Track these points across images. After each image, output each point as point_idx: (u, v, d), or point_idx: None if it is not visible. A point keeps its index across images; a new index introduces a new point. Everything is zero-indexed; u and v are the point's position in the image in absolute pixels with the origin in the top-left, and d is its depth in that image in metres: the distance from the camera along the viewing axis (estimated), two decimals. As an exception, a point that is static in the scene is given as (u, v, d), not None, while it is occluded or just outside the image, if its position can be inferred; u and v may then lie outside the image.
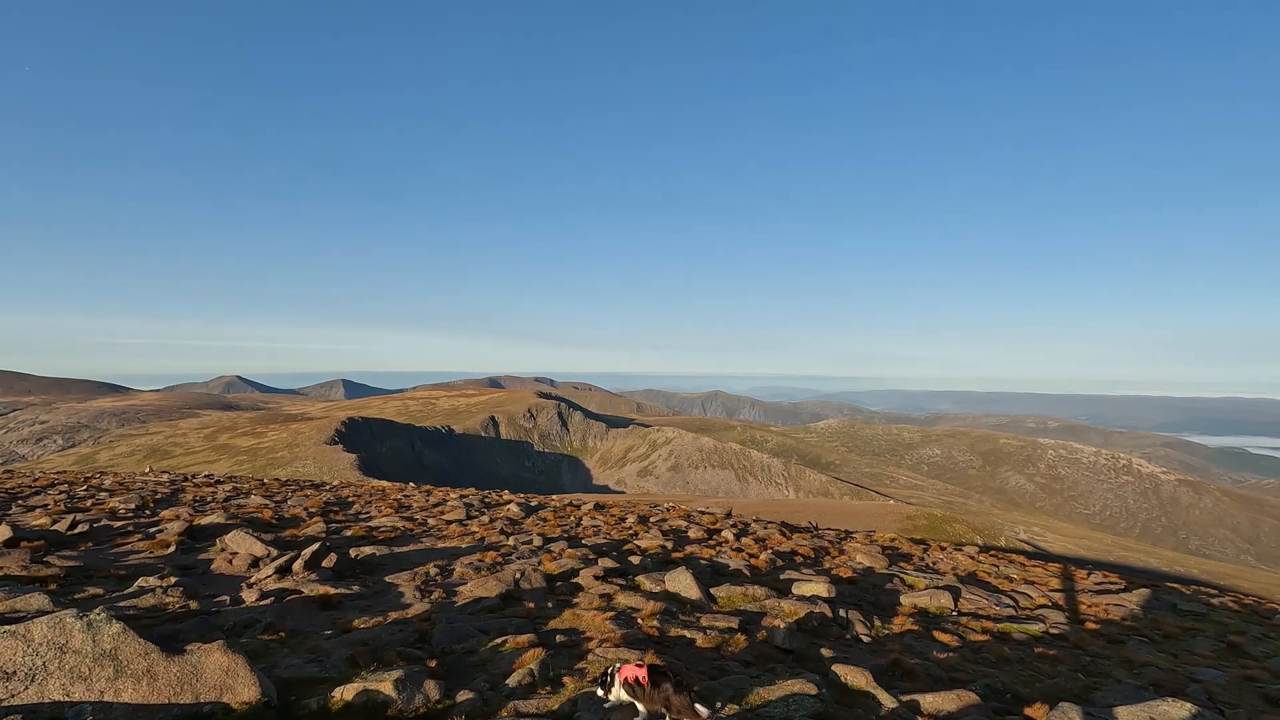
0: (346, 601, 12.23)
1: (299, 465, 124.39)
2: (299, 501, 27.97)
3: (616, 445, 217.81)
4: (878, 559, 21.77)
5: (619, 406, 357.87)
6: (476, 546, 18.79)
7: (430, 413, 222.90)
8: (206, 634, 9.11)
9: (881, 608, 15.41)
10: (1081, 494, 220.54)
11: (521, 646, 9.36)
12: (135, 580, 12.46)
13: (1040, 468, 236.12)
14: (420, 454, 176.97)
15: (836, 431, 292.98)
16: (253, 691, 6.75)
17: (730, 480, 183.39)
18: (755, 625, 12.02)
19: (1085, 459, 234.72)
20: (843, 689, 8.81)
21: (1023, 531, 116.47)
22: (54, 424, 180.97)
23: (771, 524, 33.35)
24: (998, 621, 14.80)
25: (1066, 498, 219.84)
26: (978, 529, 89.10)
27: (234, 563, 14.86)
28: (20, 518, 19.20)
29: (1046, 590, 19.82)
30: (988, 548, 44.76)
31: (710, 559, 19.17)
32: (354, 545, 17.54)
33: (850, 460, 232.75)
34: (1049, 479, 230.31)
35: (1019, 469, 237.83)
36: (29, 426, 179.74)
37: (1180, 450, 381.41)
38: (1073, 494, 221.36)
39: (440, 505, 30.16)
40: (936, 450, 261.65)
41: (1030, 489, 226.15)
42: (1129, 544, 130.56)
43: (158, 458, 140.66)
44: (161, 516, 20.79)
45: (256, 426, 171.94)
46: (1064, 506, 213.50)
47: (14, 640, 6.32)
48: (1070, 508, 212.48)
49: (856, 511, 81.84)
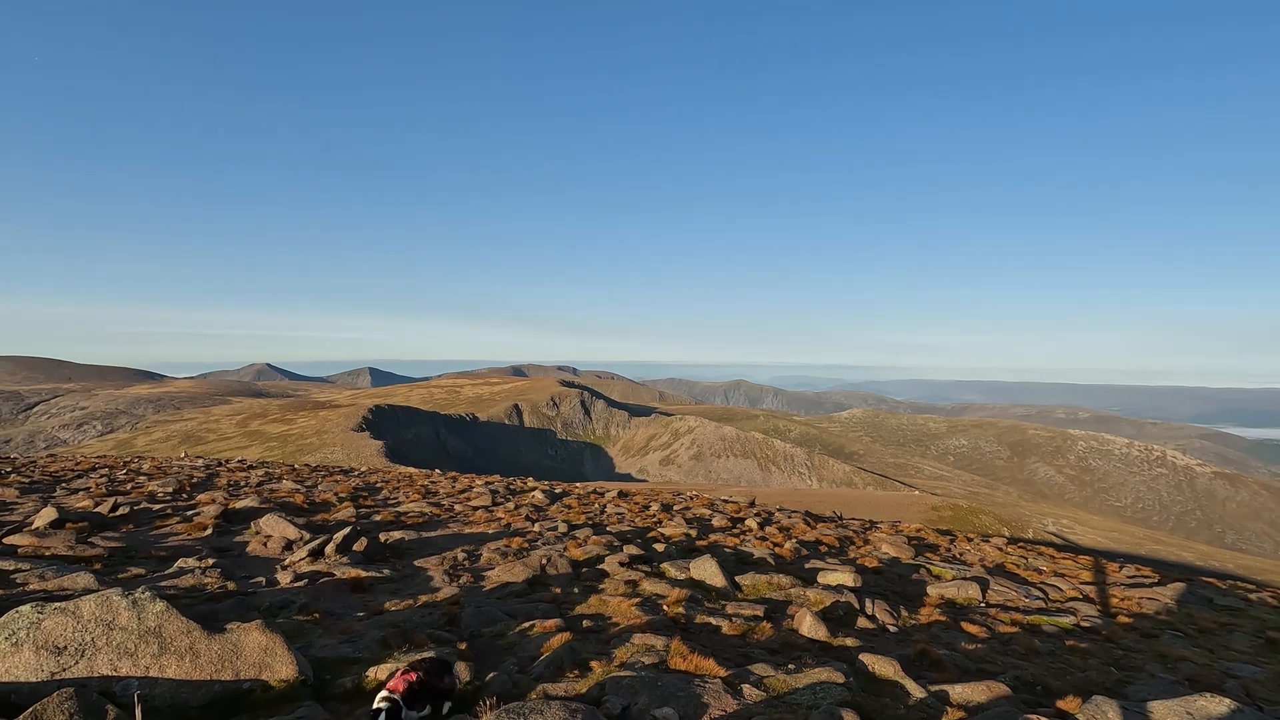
0: (377, 584, 12.47)
1: (327, 452, 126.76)
2: (329, 487, 28.54)
3: (639, 434, 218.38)
4: (903, 549, 21.60)
5: (641, 395, 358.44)
6: (502, 532, 19.02)
7: (455, 400, 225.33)
8: (244, 614, 9.36)
9: (908, 598, 15.31)
10: (1113, 486, 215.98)
11: (549, 631, 9.47)
12: (175, 561, 12.85)
13: (1070, 459, 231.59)
14: (445, 441, 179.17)
15: (860, 421, 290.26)
16: (290, 670, 6.93)
17: (753, 469, 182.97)
18: (781, 614, 12.02)
19: (1117, 450, 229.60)
20: (870, 678, 8.78)
21: (1051, 523, 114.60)
22: (93, 410, 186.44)
23: (795, 513, 33.25)
24: (1027, 614, 14.61)
25: (1097, 490, 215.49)
26: (1005, 520, 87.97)
27: (268, 545, 15.23)
28: (65, 500, 19.89)
29: (1077, 583, 19.52)
30: (1016, 539, 44.14)
31: (734, 547, 19.19)
32: (383, 530, 17.87)
33: (874, 450, 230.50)
34: (1079, 470, 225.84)
35: (1048, 460, 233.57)
36: (70, 412, 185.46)
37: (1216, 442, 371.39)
38: (1103, 486, 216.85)
39: (466, 492, 30.56)
40: (963, 441, 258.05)
41: (1059, 480, 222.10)
42: (1162, 537, 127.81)
43: (192, 443, 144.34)
44: (198, 500, 21.38)
45: (286, 413, 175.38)
46: (1094, 499, 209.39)
47: (65, 617, 6.55)
48: (1101, 500, 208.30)
49: (881, 502, 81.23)
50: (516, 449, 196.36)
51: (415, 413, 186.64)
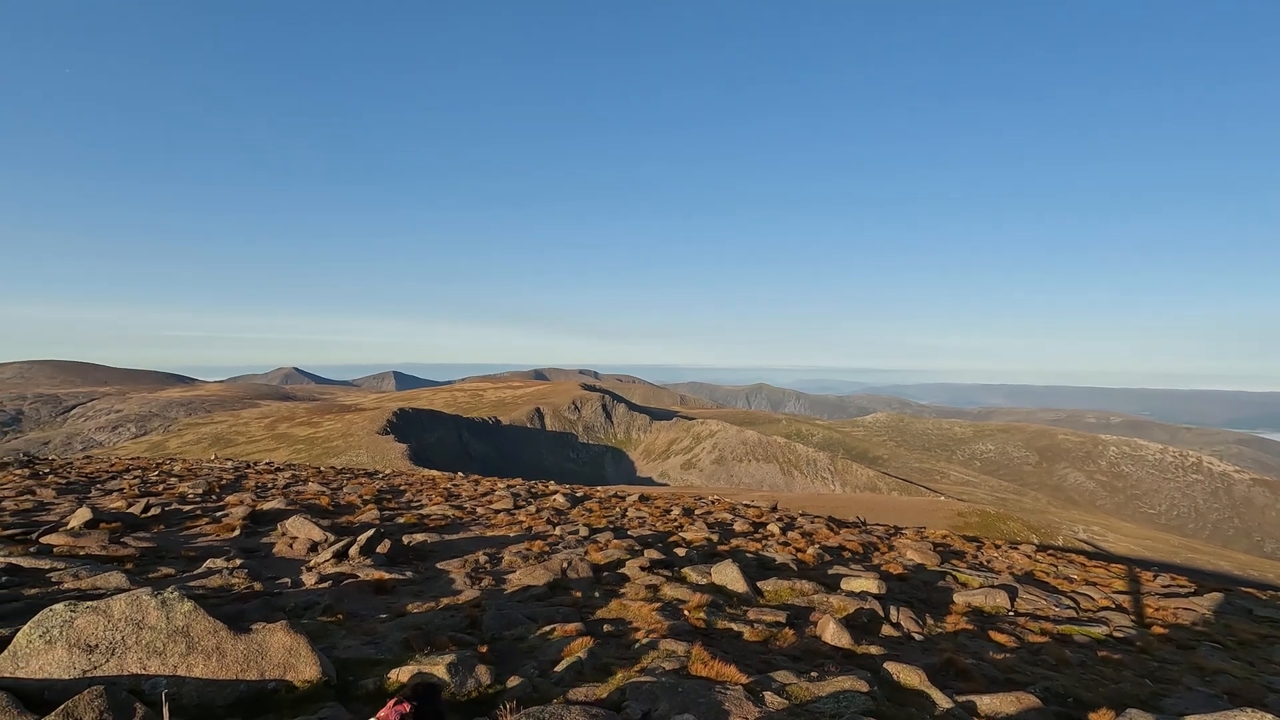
0: (400, 586, 12.57)
1: (352, 454, 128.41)
2: (353, 489, 28.90)
3: (660, 438, 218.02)
4: (929, 556, 21.27)
5: (662, 399, 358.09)
6: (524, 536, 19.08)
7: (477, 404, 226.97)
8: (270, 614, 9.48)
9: (934, 606, 15.05)
10: (1146, 493, 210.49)
11: (570, 635, 9.45)
12: (203, 561, 13.08)
13: (1101, 465, 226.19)
14: (468, 444, 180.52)
15: (884, 425, 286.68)
16: (314, 670, 6.99)
17: (775, 474, 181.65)
18: (803, 620, 11.88)
19: (1150, 456, 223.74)
20: (895, 687, 8.63)
21: (1082, 530, 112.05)
22: (127, 413, 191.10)
23: (818, 518, 32.91)
24: (1057, 623, 14.28)
25: (1129, 496, 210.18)
26: (1033, 527, 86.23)
27: (294, 547, 15.44)
28: (99, 501, 20.38)
29: (1109, 592, 19.03)
30: (1045, 547, 43.21)
31: (756, 552, 19.04)
32: (406, 532, 18.04)
33: (899, 455, 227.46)
34: (1111, 477, 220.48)
35: (1078, 466, 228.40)
36: (105, 415, 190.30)
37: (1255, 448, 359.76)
38: (1136, 493, 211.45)
39: (488, 495, 30.74)
40: (989, 445, 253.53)
41: (1090, 487, 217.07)
42: (1198, 546, 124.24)
43: (221, 446, 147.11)
44: (226, 501, 21.77)
45: (313, 416, 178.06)
46: (1126, 505, 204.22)
47: (97, 615, 6.68)
48: (1133, 507, 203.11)
49: (905, 507, 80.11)
50: (538, 452, 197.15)
51: (438, 416, 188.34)
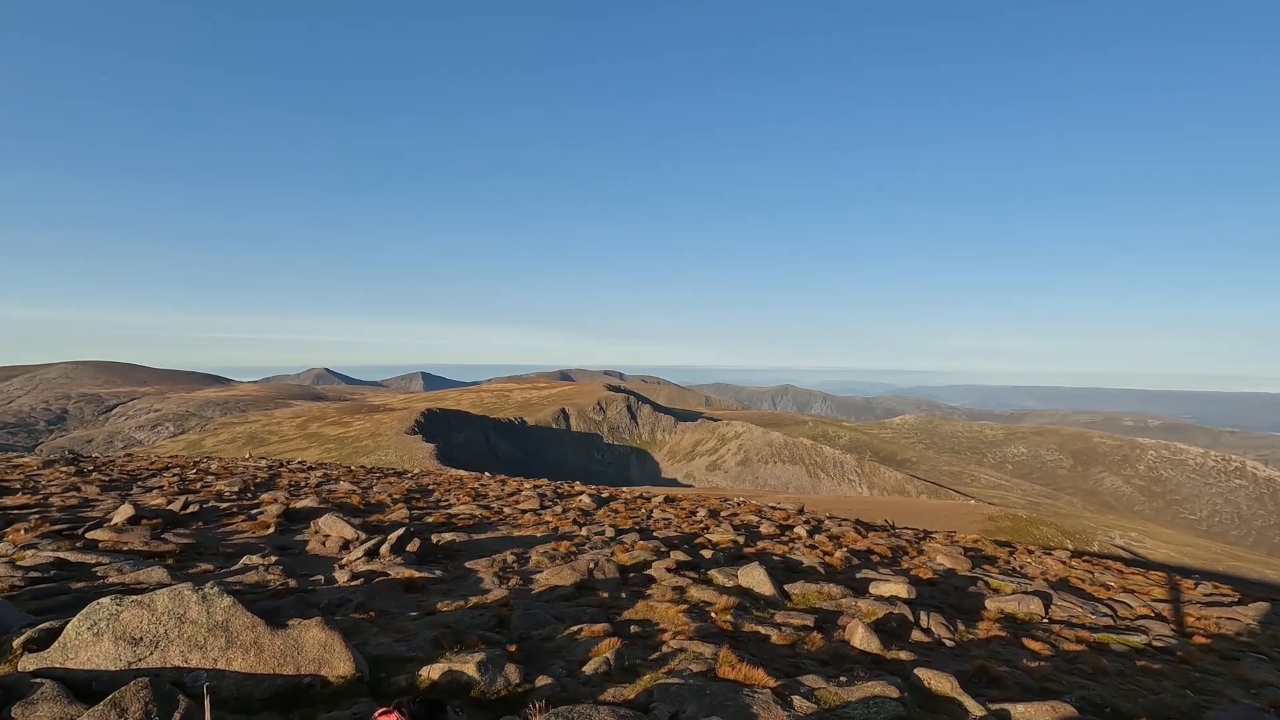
0: (429, 585, 12.74)
1: (381, 454, 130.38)
2: (383, 488, 29.36)
3: (685, 439, 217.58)
4: (959, 561, 20.92)
5: (687, 400, 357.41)
6: (550, 536, 19.20)
7: (503, 404, 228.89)
8: (304, 611, 9.68)
9: (965, 611, 14.80)
10: (1186, 498, 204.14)
11: (597, 635, 9.49)
12: (240, 558, 13.41)
13: (1139, 469, 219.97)
14: (494, 445, 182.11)
15: (913, 427, 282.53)
16: (347, 666, 7.13)
17: (801, 476, 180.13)
18: (831, 624, 11.78)
19: (1191, 460, 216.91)
20: (926, 694, 8.51)
21: (1119, 536, 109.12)
22: (166, 412, 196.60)
23: (846, 521, 32.57)
24: (1094, 631, 13.93)
25: (1169, 502, 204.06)
26: (1067, 532, 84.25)
27: (326, 545, 15.75)
28: (140, 498, 21.01)
29: (1148, 600, 18.52)
30: (1080, 552, 42.19)
31: (783, 555, 18.91)
32: (435, 531, 18.27)
33: (928, 458, 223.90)
34: (1149, 481, 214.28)
35: (1115, 470, 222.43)
36: (145, 414, 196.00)
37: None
38: (1176, 498, 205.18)
39: (515, 495, 30.99)
40: (1022, 448, 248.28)
41: (1127, 491, 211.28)
42: (1241, 553, 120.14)
43: (255, 445, 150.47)
44: (261, 499, 22.28)
45: (343, 416, 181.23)
46: (1166, 511, 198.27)
47: (141, 609, 6.89)
48: (1173, 513, 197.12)
49: (935, 511, 78.86)
50: (563, 453, 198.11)
51: (465, 416, 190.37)
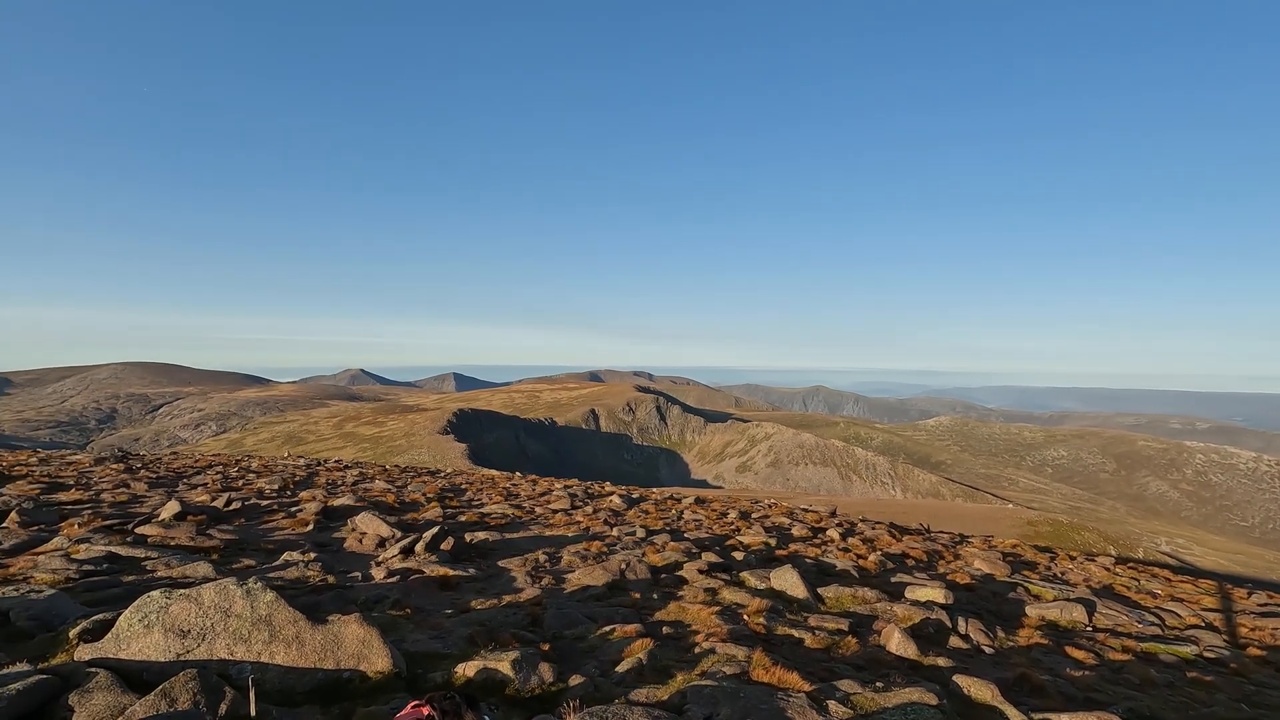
0: (463, 583, 12.90)
1: (415, 453, 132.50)
2: (417, 487, 29.82)
3: (715, 440, 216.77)
4: (998, 566, 20.43)
5: (717, 401, 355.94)
6: (581, 536, 19.28)
7: (534, 405, 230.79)
8: (343, 606, 9.88)
9: (1004, 618, 14.44)
10: (1237, 504, 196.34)
11: (629, 636, 9.50)
12: (281, 554, 13.76)
13: (1187, 473, 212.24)
14: (524, 445, 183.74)
15: (948, 429, 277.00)
16: (385, 662, 7.25)
17: (832, 478, 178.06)
18: (866, 628, 11.60)
19: (1242, 465, 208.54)
20: (965, 701, 8.32)
21: (1165, 543, 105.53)
22: (209, 412, 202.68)
23: (879, 524, 32.09)
24: (1141, 640, 13.47)
25: (1219, 508, 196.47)
26: (1111, 538, 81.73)
27: (363, 542, 16.05)
28: (186, 494, 21.68)
29: (1198, 609, 17.86)
30: (1125, 559, 40.91)
31: (816, 558, 18.70)
32: (468, 530, 18.49)
33: (963, 460, 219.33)
34: (1197, 486, 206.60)
35: (1160, 474, 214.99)
36: (189, 414, 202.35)
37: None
38: (1226, 504, 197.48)
39: (546, 494, 31.21)
40: (1062, 451, 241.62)
41: (1174, 497, 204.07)
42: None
43: (294, 443, 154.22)
44: (300, 497, 22.81)
45: (378, 416, 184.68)
46: (1215, 517, 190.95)
47: (189, 603, 7.11)
48: (1223, 519, 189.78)
49: (971, 514, 77.20)
50: (593, 453, 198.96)
51: (496, 416, 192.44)
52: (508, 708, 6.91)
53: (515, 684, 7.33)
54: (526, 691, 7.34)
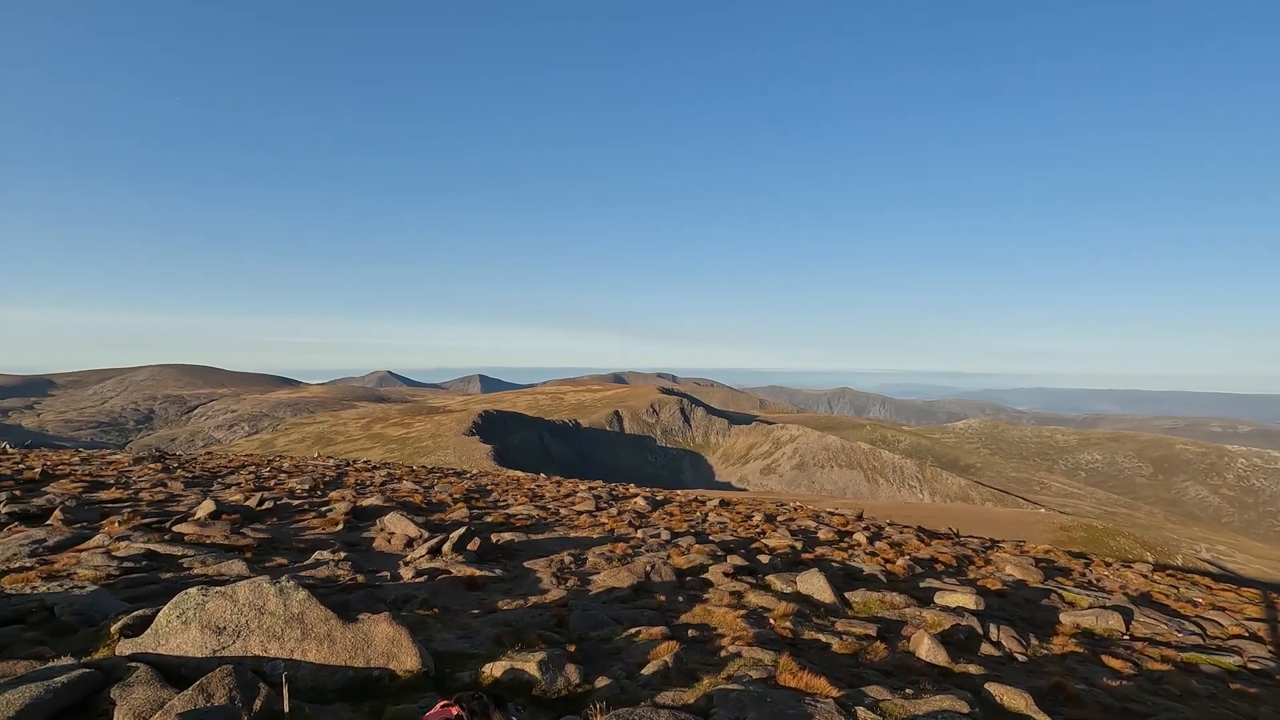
0: (490, 584, 13.00)
1: (441, 454, 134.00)
2: (444, 488, 30.15)
3: (739, 442, 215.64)
4: (1030, 572, 20.01)
5: (741, 403, 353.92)
6: (606, 538, 19.31)
7: (558, 407, 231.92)
8: (372, 605, 10.03)
9: (1037, 625, 14.13)
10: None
11: (655, 638, 9.48)
12: (312, 553, 14.01)
13: (1228, 478, 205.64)
14: (549, 446, 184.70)
15: (977, 432, 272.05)
16: (414, 661, 7.33)
17: (859, 481, 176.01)
18: (895, 634, 11.43)
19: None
20: (997, 710, 8.15)
21: (1205, 550, 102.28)
22: (241, 413, 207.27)
23: (907, 528, 31.62)
24: (1181, 650, 13.08)
25: (1262, 513, 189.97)
26: (1148, 545, 79.47)
27: (392, 542, 16.27)
28: (220, 494, 22.16)
29: (1241, 619, 17.27)
30: (1163, 566, 39.77)
31: (843, 562, 18.49)
32: (494, 531, 18.64)
33: (993, 463, 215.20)
34: (1239, 491, 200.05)
35: (1200, 479, 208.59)
36: (222, 415, 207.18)
37: None
38: (1270, 509, 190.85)
39: (570, 496, 31.33)
40: (1096, 455, 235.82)
41: (1215, 502, 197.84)
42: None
43: (323, 444, 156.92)
44: (330, 497, 23.19)
45: (405, 418, 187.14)
46: (1258, 523, 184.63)
47: (224, 600, 7.27)
48: (1267, 525, 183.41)
49: (1001, 519, 75.70)
50: (617, 455, 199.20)
51: (521, 418, 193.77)
52: (534, 708, 6.94)
53: (542, 685, 7.36)
54: (553, 693, 7.36)
